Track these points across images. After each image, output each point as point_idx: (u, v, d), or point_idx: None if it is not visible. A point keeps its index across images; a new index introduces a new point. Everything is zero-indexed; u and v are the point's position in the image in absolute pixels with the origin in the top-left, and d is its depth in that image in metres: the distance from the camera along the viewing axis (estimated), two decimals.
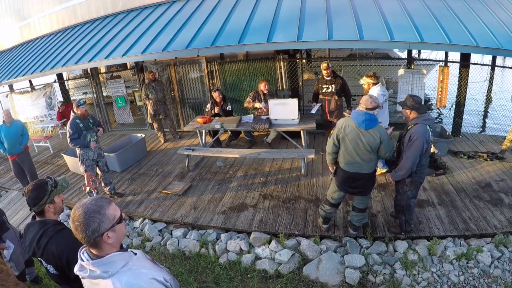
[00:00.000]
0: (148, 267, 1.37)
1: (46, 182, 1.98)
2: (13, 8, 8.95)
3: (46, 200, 1.94)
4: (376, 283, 3.11)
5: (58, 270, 1.88)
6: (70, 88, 12.20)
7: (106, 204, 1.28)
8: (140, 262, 1.37)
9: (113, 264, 1.26)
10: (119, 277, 1.24)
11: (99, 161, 4.66)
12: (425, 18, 4.58)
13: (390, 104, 7.06)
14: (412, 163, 3.05)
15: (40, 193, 1.93)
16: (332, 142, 3.23)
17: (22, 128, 5.32)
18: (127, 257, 1.31)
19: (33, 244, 1.91)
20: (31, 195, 1.93)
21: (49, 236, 1.88)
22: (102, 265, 1.25)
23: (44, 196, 1.93)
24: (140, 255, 1.43)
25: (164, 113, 6.90)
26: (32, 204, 1.93)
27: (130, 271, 1.28)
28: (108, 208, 1.27)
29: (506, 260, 3.17)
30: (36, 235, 1.90)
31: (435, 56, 10.70)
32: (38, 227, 1.93)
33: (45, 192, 1.94)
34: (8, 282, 2.49)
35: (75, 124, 4.34)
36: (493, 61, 6.95)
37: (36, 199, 1.92)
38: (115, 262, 1.26)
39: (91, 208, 1.24)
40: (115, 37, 6.18)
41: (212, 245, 3.80)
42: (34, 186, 1.96)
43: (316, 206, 4.18)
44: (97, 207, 1.25)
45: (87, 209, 1.23)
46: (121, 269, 1.26)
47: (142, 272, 1.30)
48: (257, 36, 4.73)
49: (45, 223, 1.94)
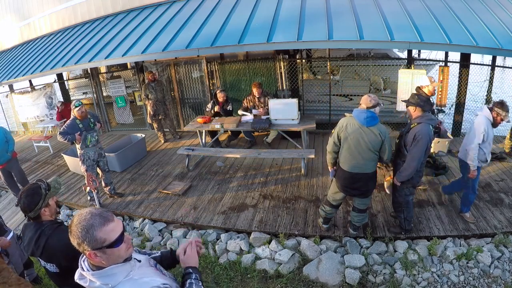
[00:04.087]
0: (151, 274, 1.31)
1: (39, 186, 1.94)
2: (13, 7, 8.95)
3: (42, 205, 1.90)
4: (376, 283, 3.11)
5: (61, 267, 1.88)
6: (70, 88, 12.19)
7: (98, 225, 1.16)
8: (142, 270, 1.32)
9: (114, 277, 1.20)
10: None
11: (99, 161, 4.65)
12: (425, 18, 4.58)
13: (389, 104, 7.08)
14: (418, 162, 3.06)
15: (35, 198, 1.89)
16: (332, 141, 3.23)
17: (6, 134, 4.95)
18: (128, 268, 1.25)
19: (32, 244, 1.90)
20: (25, 201, 1.88)
21: (47, 235, 1.88)
22: (102, 277, 1.19)
23: (40, 200, 1.89)
24: (144, 262, 1.38)
25: (163, 113, 6.90)
26: (29, 210, 1.88)
27: (131, 281, 1.23)
28: (99, 230, 1.15)
29: (506, 260, 3.17)
30: (34, 235, 1.90)
31: (435, 56, 10.68)
32: (35, 228, 1.92)
33: (40, 197, 1.90)
34: (10, 279, 2.50)
35: (73, 125, 4.30)
36: (493, 61, 6.94)
37: (31, 204, 1.88)
38: (116, 274, 1.21)
39: (82, 223, 1.16)
40: (115, 37, 6.18)
41: (212, 245, 3.80)
42: (27, 191, 1.91)
43: (316, 206, 4.18)
44: (88, 225, 1.15)
45: (80, 221, 1.16)
46: (123, 280, 1.22)
47: (144, 281, 1.25)
48: (257, 36, 4.73)
49: (41, 224, 1.93)
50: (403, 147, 3.18)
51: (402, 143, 3.19)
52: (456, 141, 5.87)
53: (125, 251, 1.25)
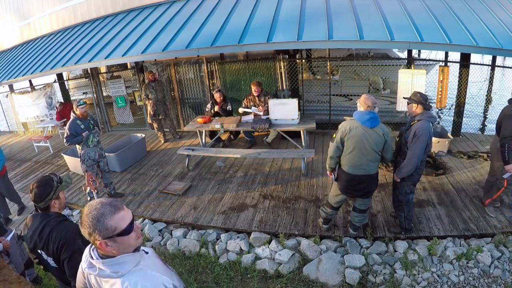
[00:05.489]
0: (159, 269, 1.34)
1: (52, 178, 2.02)
2: (13, 7, 8.95)
3: (52, 196, 1.98)
4: (376, 283, 3.11)
5: (58, 263, 1.90)
6: (70, 88, 12.20)
7: (109, 213, 1.19)
8: (151, 262, 1.35)
9: (124, 265, 1.23)
10: (129, 277, 1.23)
11: (100, 161, 4.66)
12: (425, 18, 4.58)
13: (388, 104, 7.08)
14: (418, 158, 3.07)
15: (47, 188, 1.97)
16: (335, 145, 3.17)
17: None
18: (138, 257, 1.29)
19: (35, 236, 1.94)
20: (37, 191, 1.95)
21: (51, 226, 1.92)
22: (113, 265, 1.23)
23: (51, 191, 1.97)
24: (151, 254, 1.41)
25: (163, 113, 6.90)
26: (39, 200, 1.96)
27: (141, 271, 1.26)
28: (110, 218, 1.19)
29: (506, 260, 3.17)
30: (39, 226, 1.94)
31: (435, 56, 10.69)
32: (41, 219, 1.97)
33: (52, 188, 1.98)
34: (11, 277, 2.53)
35: (74, 125, 4.33)
36: (493, 61, 6.94)
37: (43, 194, 1.95)
38: (126, 262, 1.24)
39: (93, 212, 1.19)
40: (115, 37, 6.18)
41: (212, 245, 3.80)
42: (40, 182, 1.99)
43: (316, 206, 4.18)
44: (99, 214, 1.19)
45: (90, 211, 1.20)
46: (132, 268, 1.25)
47: (153, 275, 1.27)
48: (257, 36, 4.73)
49: (47, 215, 1.98)
50: (404, 145, 3.19)
51: (403, 141, 3.20)
52: (455, 141, 5.87)
53: (135, 240, 1.27)
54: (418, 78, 5.49)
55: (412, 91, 3.43)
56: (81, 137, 4.36)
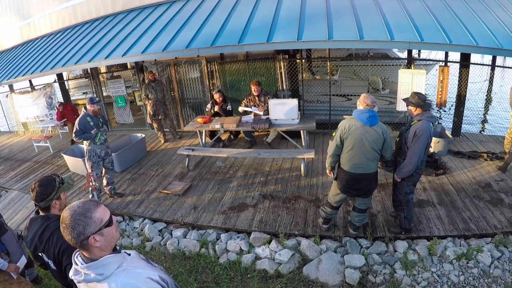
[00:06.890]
0: (143, 266, 1.37)
1: (54, 179, 2.02)
2: (13, 7, 8.96)
3: (54, 196, 1.97)
4: (376, 283, 3.11)
5: (57, 265, 1.90)
6: (70, 88, 12.21)
7: (93, 207, 1.26)
8: (134, 262, 1.37)
9: (107, 267, 1.25)
10: (115, 279, 1.24)
11: (105, 159, 4.69)
12: (425, 18, 4.58)
13: (387, 104, 7.08)
14: (418, 158, 3.07)
15: (48, 188, 1.96)
16: (335, 144, 3.18)
17: None
18: (121, 258, 1.31)
19: (35, 239, 1.93)
20: (39, 190, 1.95)
21: (52, 230, 1.91)
22: (96, 268, 1.24)
23: (52, 192, 1.97)
24: (134, 255, 1.42)
25: (163, 113, 6.90)
26: (40, 199, 1.95)
27: (125, 271, 1.27)
28: (95, 211, 1.26)
29: (506, 260, 3.17)
30: (39, 229, 1.93)
31: (435, 56, 10.69)
32: (41, 221, 1.96)
33: (53, 188, 1.98)
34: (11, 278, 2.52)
35: (84, 121, 4.36)
36: (493, 61, 6.95)
37: (44, 194, 1.95)
38: (109, 264, 1.26)
39: (78, 210, 1.23)
40: (115, 37, 6.18)
41: (212, 245, 3.80)
42: (42, 181, 1.99)
43: (316, 206, 4.18)
44: (84, 210, 1.24)
45: (73, 211, 1.23)
46: (116, 270, 1.26)
47: (137, 272, 1.30)
48: (257, 36, 4.73)
49: (47, 218, 1.97)
50: (404, 145, 3.19)
51: (403, 141, 3.20)
52: (455, 141, 5.87)
53: (116, 231, 1.36)
54: (418, 78, 5.49)
55: (412, 91, 3.43)
56: (89, 134, 4.40)
